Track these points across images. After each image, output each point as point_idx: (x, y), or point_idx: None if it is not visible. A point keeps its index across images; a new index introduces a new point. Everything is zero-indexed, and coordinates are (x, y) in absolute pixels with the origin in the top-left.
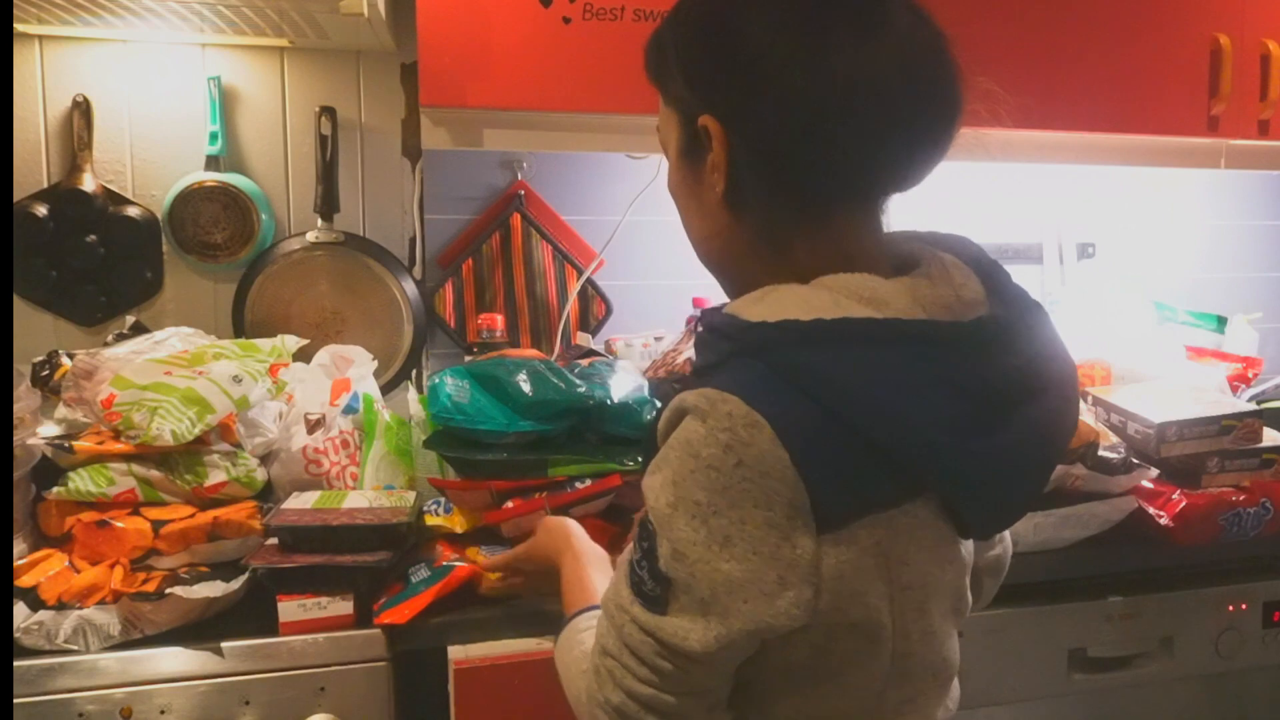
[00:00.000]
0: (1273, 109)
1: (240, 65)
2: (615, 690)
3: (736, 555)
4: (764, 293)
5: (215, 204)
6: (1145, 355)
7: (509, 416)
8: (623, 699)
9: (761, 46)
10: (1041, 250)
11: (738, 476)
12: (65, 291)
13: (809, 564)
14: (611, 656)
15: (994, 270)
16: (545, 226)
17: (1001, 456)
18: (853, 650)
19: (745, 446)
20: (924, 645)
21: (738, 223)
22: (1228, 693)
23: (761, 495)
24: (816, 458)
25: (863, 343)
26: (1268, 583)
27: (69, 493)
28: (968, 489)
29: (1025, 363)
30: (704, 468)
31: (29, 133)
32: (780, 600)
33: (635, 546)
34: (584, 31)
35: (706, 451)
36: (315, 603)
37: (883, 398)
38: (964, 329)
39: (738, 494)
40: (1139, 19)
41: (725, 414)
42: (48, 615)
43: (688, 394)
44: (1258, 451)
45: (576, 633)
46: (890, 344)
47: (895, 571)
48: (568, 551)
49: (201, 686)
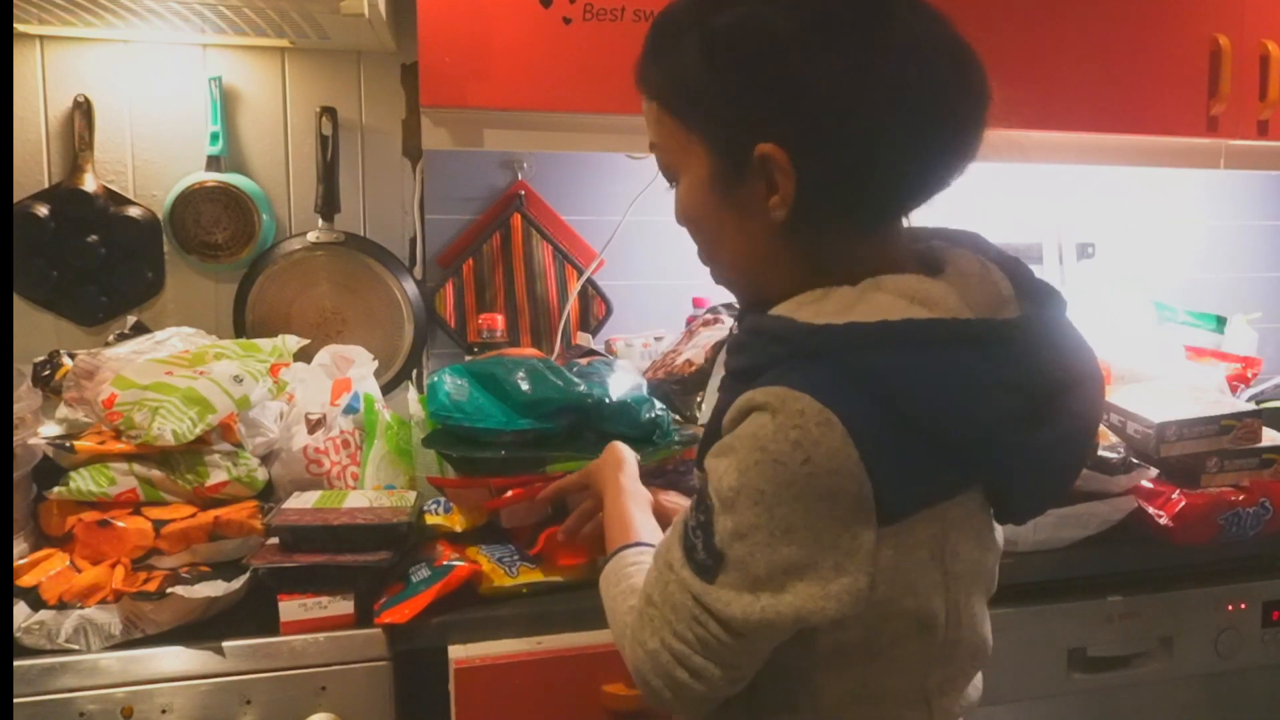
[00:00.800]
0: (1272, 109)
1: (241, 65)
2: (654, 637)
3: (797, 541)
4: (821, 295)
5: (216, 204)
6: (1145, 355)
7: (507, 415)
8: (658, 647)
9: (823, 72)
10: (1041, 250)
11: (804, 472)
12: (66, 291)
13: (866, 555)
14: (655, 606)
15: (1016, 266)
16: (545, 226)
17: (1053, 448)
18: (904, 634)
19: (815, 444)
20: (969, 628)
21: (787, 243)
22: (1227, 692)
23: (827, 490)
24: (884, 455)
25: (927, 344)
26: (1267, 582)
27: (70, 492)
28: (1022, 480)
29: (1059, 356)
30: (770, 461)
31: (30, 133)
32: (834, 585)
33: (692, 514)
34: (584, 32)
35: (774, 447)
36: (316, 602)
37: (951, 398)
38: (1015, 327)
39: (803, 488)
40: (1139, 19)
41: (797, 411)
42: (49, 615)
43: (756, 392)
44: (1257, 451)
45: (624, 566)
46: (952, 344)
47: (949, 563)
48: (612, 483)
49: (202, 686)
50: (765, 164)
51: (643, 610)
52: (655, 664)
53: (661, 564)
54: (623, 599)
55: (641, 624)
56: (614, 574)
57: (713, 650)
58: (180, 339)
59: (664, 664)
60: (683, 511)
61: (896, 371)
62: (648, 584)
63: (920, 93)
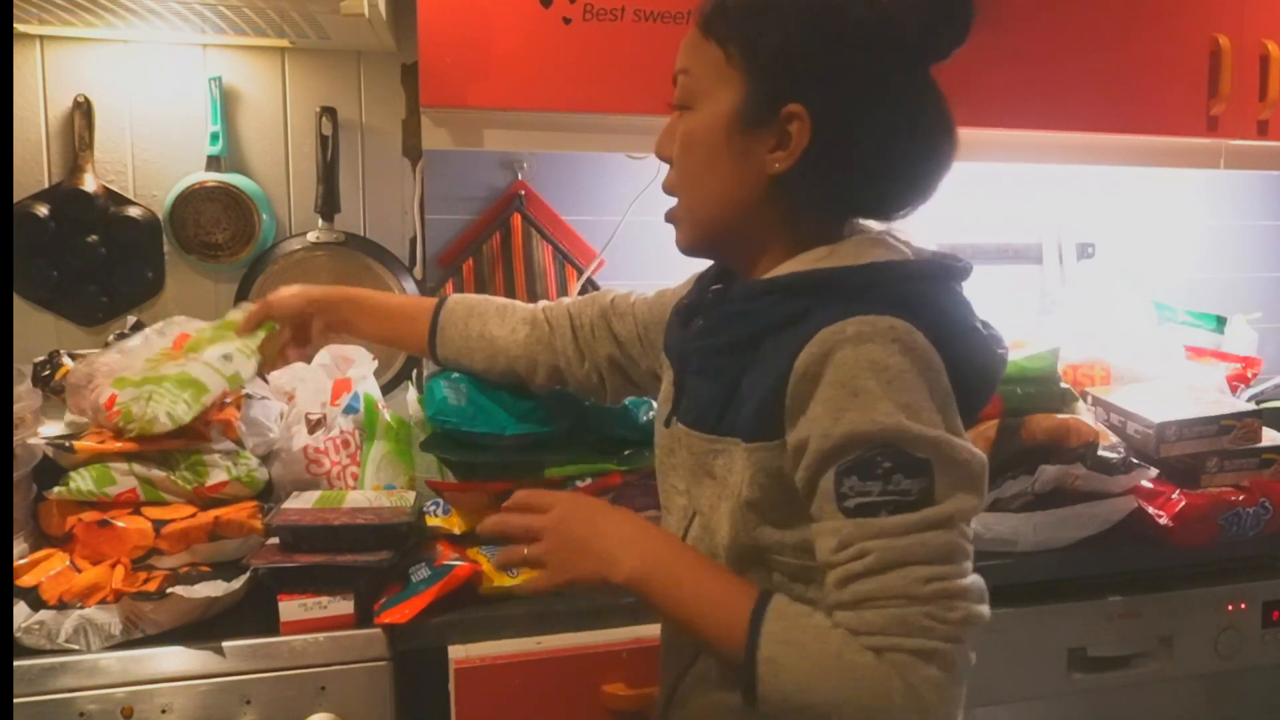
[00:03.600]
0: (1272, 109)
1: (241, 65)
2: (935, 617)
3: (963, 435)
4: (826, 252)
5: (216, 204)
6: (1145, 355)
7: (506, 418)
8: (945, 606)
9: (874, 65)
10: (1041, 250)
11: (930, 374)
12: (66, 291)
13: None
14: (905, 601)
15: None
16: (545, 226)
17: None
18: None
19: (918, 349)
20: None
21: (770, 200)
22: (1227, 692)
23: (942, 386)
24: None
25: (943, 277)
26: (1267, 582)
27: (70, 492)
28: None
29: None
30: (899, 374)
31: (30, 133)
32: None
33: (866, 484)
34: (584, 32)
35: (892, 361)
36: (316, 602)
37: (965, 319)
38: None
39: (933, 387)
40: (1139, 19)
41: (888, 328)
42: (49, 615)
43: (829, 330)
44: (1257, 451)
45: (804, 634)
46: (955, 277)
47: None
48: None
49: (202, 686)
50: (788, 121)
51: (890, 637)
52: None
53: (870, 569)
54: (845, 657)
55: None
56: (801, 646)
57: (964, 552)
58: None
59: (956, 622)
60: (842, 525)
61: (931, 298)
62: (867, 627)
63: (931, 126)
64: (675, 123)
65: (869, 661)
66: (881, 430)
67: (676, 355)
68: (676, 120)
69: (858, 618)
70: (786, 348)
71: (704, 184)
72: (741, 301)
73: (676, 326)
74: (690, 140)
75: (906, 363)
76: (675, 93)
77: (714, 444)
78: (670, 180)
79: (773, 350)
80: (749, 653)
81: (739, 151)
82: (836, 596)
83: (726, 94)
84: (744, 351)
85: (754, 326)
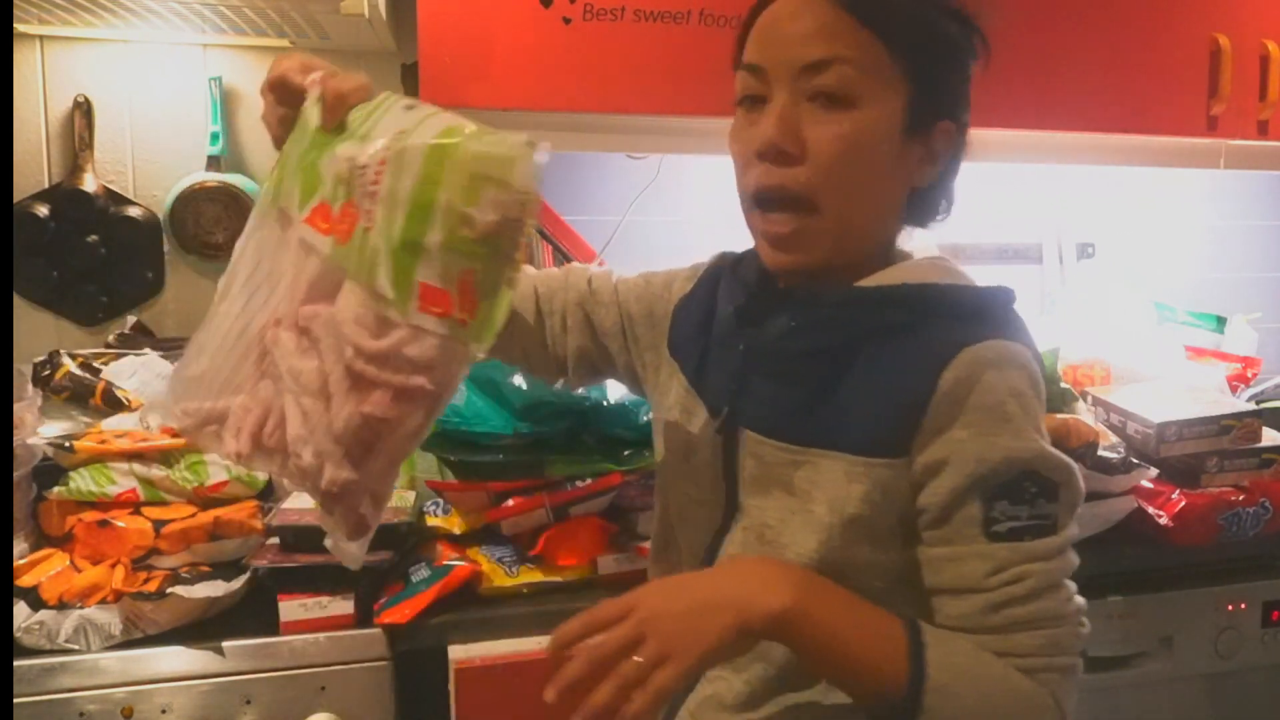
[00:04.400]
0: (1272, 109)
1: (241, 66)
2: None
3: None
4: (929, 265)
5: (216, 204)
6: (1145, 355)
7: (505, 418)
8: (1078, 623)
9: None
10: (1041, 250)
11: (1043, 401)
12: (66, 291)
13: None
14: (1058, 622)
15: None
16: (545, 226)
17: None
18: None
19: (1037, 376)
20: None
21: (895, 210)
22: (1227, 692)
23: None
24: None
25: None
26: (1267, 582)
27: (70, 492)
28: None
29: None
30: (1032, 400)
31: (30, 133)
32: None
33: (1015, 509)
34: (584, 32)
35: (1026, 388)
36: (316, 602)
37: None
38: None
39: (1043, 412)
40: (1139, 19)
41: (1021, 354)
42: (49, 615)
43: (971, 352)
44: (1257, 451)
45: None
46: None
47: None
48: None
49: (202, 686)
50: (940, 136)
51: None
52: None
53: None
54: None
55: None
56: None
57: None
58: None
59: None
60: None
61: (1025, 325)
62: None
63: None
64: (819, 118)
65: (1029, 685)
66: (1033, 455)
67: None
68: (817, 115)
69: (1005, 641)
70: (902, 362)
71: (863, 193)
72: (841, 307)
73: (693, 324)
74: (856, 142)
75: (1034, 390)
76: (823, 82)
77: (798, 454)
78: (806, 182)
79: (878, 361)
80: (915, 682)
81: (897, 160)
82: (982, 621)
83: (894, 97)
84: (836, 358)
85: (853, 333)
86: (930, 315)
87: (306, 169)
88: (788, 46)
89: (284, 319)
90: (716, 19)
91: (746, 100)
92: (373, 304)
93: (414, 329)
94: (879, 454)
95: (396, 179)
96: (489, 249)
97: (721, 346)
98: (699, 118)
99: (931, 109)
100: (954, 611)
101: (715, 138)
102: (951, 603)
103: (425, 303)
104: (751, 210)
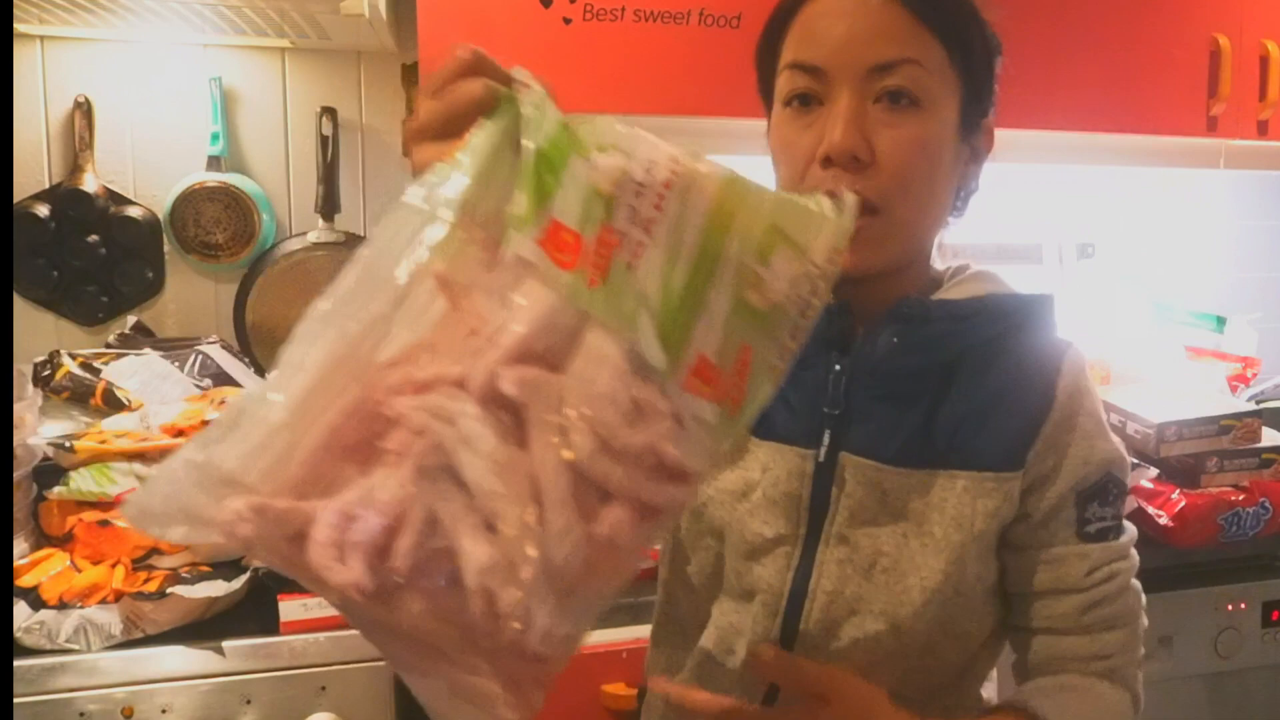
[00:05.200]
0: (1272, 109)
1: (241, 66)
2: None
3: None
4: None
5: (217, 204)
6: (1145, 355)
7: None
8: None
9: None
10: (1041, 250)
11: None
12: (66, 291)
13: None
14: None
15: None
16: None
17: None
18: None
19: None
20: None
21: (946, 208)
22: (1227, 692)
23: None
24: None
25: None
26: (1267, 582)
27: (70, 492)
28: None
29: None
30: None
31: (30, 133)
32: None
33: (1104, 509)
34: (584, 32)
35: (1097, 391)
36: (317, 602)
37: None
38: None
39: None
40: (1139, 19)
41: (1087, 359)
42: (49, 615)
43: (1071, 361)
44: (1257, 451)
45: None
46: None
47: None
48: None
49: (203, 686)
50: (984, 135)
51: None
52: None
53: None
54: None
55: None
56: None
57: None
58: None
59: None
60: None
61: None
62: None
63: None
64: (889, 121)
65: (1122, 698)
66: (1118, 456)
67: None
68: (885, 118)
69: (1094, 642)
70: (1012, 375)
71: (929, 196)
72: (952, 321)
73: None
74: (925, 146)
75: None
76: (893, 83)
77: (923, 477)
78: (877, 187)
79: (984, 375)
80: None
81: (953, 162)
82: (1077, 620)
83: (952, 98)
84: (939, 374)
85: (957, 347)
86: (1013, 326)
87: (537, 173)
88: (852, 45)
89: (471, 379)
90: (716, 19)
91: (797, 99)
92: (628, 375)
93: (676, 418)
94: (1006, 468)
95: (683, 209)
96: (768, 326)
97: (800, 373)
98: (699, 118)
99: (979, 108)
100: (1050, 613)
101: (716, 138)
102: (1049, 604)
103: (697, 379)
104: None
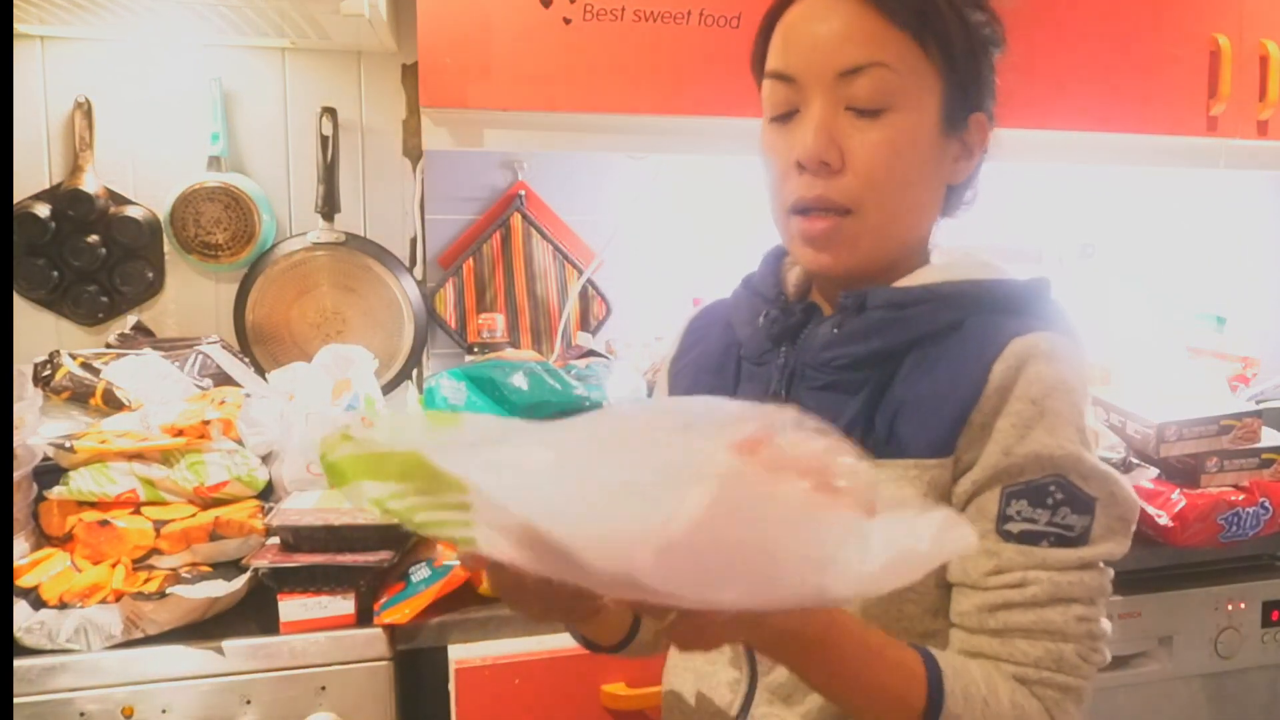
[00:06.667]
0: (1272, 109)
1: (242, 66)
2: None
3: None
4: (968, 260)
5: (217, 204)
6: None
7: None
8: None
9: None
10: (1041, 250)
11: (1089, 397)
12: (67, 291)
13: None
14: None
15: None
16: (545, 226)
17: None
18: None
19: (1085, 371)
20: None
21: (934, 205)
22: (1227, 692)
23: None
24: None
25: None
26: (1267, 582)
27: (70, 492)
28: None
29: None
30: (1080, 397)
31: (30, 133)
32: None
33: (1034, 511)
34: (584, 32)
35: (1076, 383)
36: (316, 602)
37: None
38: None
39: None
40: (1139, 19)
41: (1070, 346)
42: (49, 615)
43: (1021, 343)
44: (1257, 451)
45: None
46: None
47: None
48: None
49: (203, 686)
50: (975, 129)
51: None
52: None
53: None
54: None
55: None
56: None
57: (1105, 598)
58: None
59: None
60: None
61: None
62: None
63: None
64: (859, 125)
65: (1033, 706)
66: (1064, 456)
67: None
68: (856, 122)
69: (1005, 645)
70: (953, 360)
71: (904, 197)
72: (891, 309)
73: (707, 370)
74: (897, 148)
75: (1083, 385)
76: (860, 88)
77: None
78: (848, 191)
79: (929, 362)
80: (931, 713)
81: (936, 160)
82: (981, 621)
83: (929, 96)
84: (888, 362)
85: (907, 335)
86: (976, 311)
87: None
88: (819, 51)
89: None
90: (716, 19)
91: (778, 113)
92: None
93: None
94: (932, 455)
95: None
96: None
97: (754, 369)
98: (699, 118)
99: (965, 103)
100: (958, 608)
101: (716, 138)
102: (956, 598)
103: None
104: (789, 217)
